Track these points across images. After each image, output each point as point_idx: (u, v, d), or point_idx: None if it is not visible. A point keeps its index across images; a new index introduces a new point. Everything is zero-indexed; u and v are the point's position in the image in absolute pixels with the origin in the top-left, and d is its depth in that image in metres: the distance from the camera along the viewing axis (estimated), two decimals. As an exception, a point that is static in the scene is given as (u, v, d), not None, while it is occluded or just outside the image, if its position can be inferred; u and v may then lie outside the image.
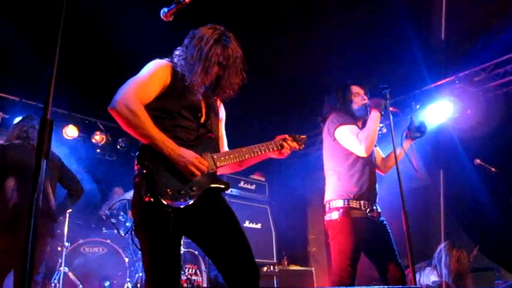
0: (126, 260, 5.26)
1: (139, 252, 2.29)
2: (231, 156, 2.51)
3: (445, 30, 5.06)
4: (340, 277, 3.28)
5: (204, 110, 2.51)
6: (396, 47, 5.53)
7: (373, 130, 3.46)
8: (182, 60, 2.45)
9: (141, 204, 2.20)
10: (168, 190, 2.21)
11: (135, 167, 2.28)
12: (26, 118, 4.26)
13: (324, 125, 3.75)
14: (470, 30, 5.40)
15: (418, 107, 6.64)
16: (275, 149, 2.67)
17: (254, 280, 2.32)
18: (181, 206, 2.23)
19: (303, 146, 2.85)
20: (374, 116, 3.51)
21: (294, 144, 2.74)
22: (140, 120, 2.21)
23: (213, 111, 2.59)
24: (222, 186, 2.45)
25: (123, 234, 2.32)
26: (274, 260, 6.69)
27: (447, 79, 6.33)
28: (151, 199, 2.17)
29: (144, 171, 2.21)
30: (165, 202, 2.18)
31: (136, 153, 2.28)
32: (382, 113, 3.54)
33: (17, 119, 5.91)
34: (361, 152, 3.44)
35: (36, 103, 6.36)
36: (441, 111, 6.35)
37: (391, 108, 3.49)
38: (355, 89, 3.78)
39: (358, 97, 3.74)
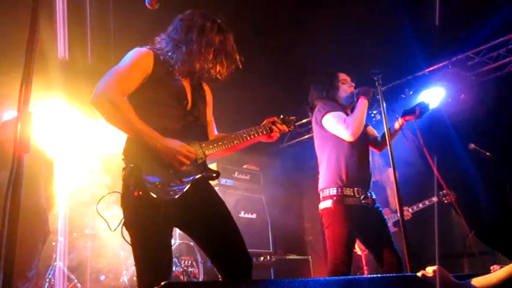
0: (121, 253, 5.24)
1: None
2: (220, 143, 2.47)
3: (438, 14, 5.01)
4: (335, 265, 3.27)
5: (189, 97, 2.46)
6: (389, 32, 5.48)
7: (360, 116, 3.47)
8: (172, 46, 2.38)
9: (130, 199, 2.17)
10: (158, 183, 2.18)
11: (123, 161, 2.24)
12: None
13: (312, 114, 3.74)
14: (463, 14, 5.35)
15: (411, 92, 6.63)
16: (264, 132, 2.63)
17: (247, 269, 2.30)
18: (172, 198, 2.20)
19: (293, 127, 2.82)
20: (361, 103, 3.52)
21: (283, 127, 2.71)
22: (123, 114, 2.16)
23: (199, 97, 2.54)
24: (212, 175, 2.43)
25: (112, 229, 2.28)
26: (271, 250, 6.67)
27: (440, 64, 6.31)
28: (141, 193, 2.13)
29: (132, 165, 2.18)
30: (155, 195, 2.14)
31: (123, 147, 2.23)
32: (370, 100, 3.56)
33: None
34: (348, 137, 3.44)
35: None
36: (434, 96, 6.33)
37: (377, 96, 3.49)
38: (342, 76, 3.78)
39: (346, 84, 3.74)
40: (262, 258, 6.45)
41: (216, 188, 2.54)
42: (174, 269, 5.21)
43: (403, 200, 3.36)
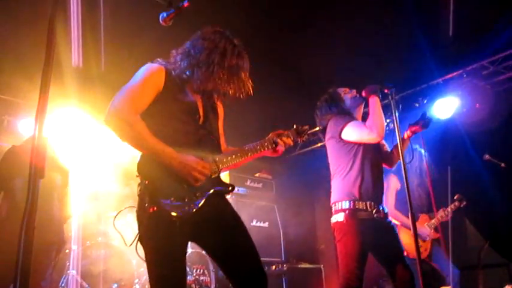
0: (134, 261, 5.26)
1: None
2: (233, 156, 2.47)
3: (453, 24, 4.99)
4: (347, 279, 3.24)
5: (201, 111, 2.45)
6: (404, 41, 5.46)
7: (378, 114, 3.45)
8: (190, 64, 2.38)
9: (145, 215, 2.18)
10: (172, 199, 2.17)
11: (137, 177, 2.25)
12: None
13: (324, 135, 3.74)
14: (478, 23, 5.31)
15: (425, 101, 6.58)
16: (269, 147, 2.62)
17: (262, 285, 2.29)
18: (187, 214, 2.19)
19: (306, 136, 2.80)
20: (373, 102, 3.51)
21: (288, 141, 2.68)
22: (138, 132, 2.17)
23: (211, 111, 2.53)
24: (227, 188, 2.42)
25: (128, 245, 2.29)
26: (282, 259, 6.66)
27: (455, 73, 6.26)
28: (155, 209, 2.14)
29: (147, 182, 2.19)
30: (170, 212, 2.14)
31: (137, 163, 2.24)
32: (380, 96, 3.54)
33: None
34: (375, 138, 3.41)
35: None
36: (449, 105, 6.28)
37: (385, 91, 3.47)
38: (341, 89, 3.80)
39: (347, 93, 3.75)
40: (274, 267, 6.43)
41: (228, 197, 2.53)
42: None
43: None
